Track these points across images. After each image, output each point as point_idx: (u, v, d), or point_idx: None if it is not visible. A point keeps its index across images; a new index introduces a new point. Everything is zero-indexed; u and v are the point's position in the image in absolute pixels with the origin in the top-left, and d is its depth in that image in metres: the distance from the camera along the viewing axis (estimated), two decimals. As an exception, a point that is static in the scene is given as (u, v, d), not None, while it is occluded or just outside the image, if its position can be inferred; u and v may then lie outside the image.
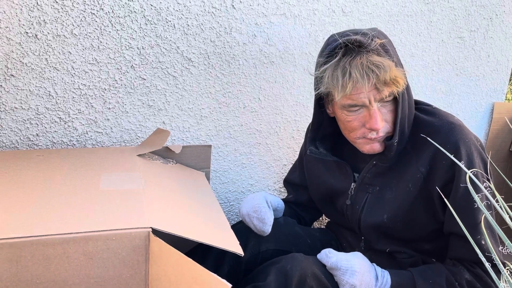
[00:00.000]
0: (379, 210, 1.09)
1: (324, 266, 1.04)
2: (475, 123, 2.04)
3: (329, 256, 1.05)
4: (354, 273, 1.00)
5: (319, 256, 1.08)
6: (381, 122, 1.00)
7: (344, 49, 0.97)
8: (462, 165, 0.72)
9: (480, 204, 0.66)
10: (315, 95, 1.08)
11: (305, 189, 1.32)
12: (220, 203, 1.55)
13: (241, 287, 1.03)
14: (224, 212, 1.60)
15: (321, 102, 1.10)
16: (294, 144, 1.67)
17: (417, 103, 1.13)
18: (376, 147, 1.05)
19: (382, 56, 0.95)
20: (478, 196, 0.98)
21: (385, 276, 1.03)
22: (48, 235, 0.78)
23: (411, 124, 1.06)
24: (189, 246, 1.10)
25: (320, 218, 1.83)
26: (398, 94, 0.99)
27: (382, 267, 1.05)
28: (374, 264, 1.06)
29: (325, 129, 1.16)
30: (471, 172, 0.97)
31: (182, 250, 0.78)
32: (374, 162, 1.09)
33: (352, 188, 1.14)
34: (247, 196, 1.23)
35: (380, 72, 0.93)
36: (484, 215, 0.98)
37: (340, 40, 0.97)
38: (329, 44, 1.01)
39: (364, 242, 1.18)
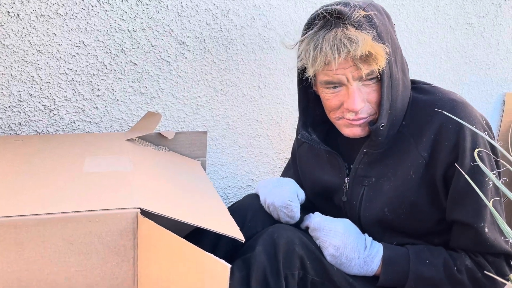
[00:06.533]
0: (378, 203, 1.01)
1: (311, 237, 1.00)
2: (486, 114, 1.94)
3: (313, 216, 1.01)
4: (337, 234, 0.95)
5: (304, 218, 1.04)
6: (360, 103, 0.93)
7: (323, 21, 0.90)
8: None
9: (500, 183, 0.56)
10: (297, 70, 1.02)
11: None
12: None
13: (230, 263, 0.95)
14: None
15: (303, 78, 1.01)
16: (297, 136, 1.58)
17: (414, 82, 1.06)
18: (357, 131, 0.97)
19: (363, 29, 0.87)
20: (485, 179, 0.92)
21: (376, 247, 0.97)
22: (20, 215, 0.69)
23: (406, 106, 0.98)
24: (181, 234, 0.99)
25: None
26: (379, 73, 0.90)
27: None
28: (366, 234, 1.00)
29: (314, 112, 1.09)
30: (476, 152, 0.90)
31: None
32: (365, 150, 1.01)
33: (346, 183, 1.06)
34: (272, 181, 1.13)
35: (351, 46, 0.86)
36: (490, 199, 0.92)
37: (319, 11, 0.91)
38: (311, 15, 0.96)
39: None
